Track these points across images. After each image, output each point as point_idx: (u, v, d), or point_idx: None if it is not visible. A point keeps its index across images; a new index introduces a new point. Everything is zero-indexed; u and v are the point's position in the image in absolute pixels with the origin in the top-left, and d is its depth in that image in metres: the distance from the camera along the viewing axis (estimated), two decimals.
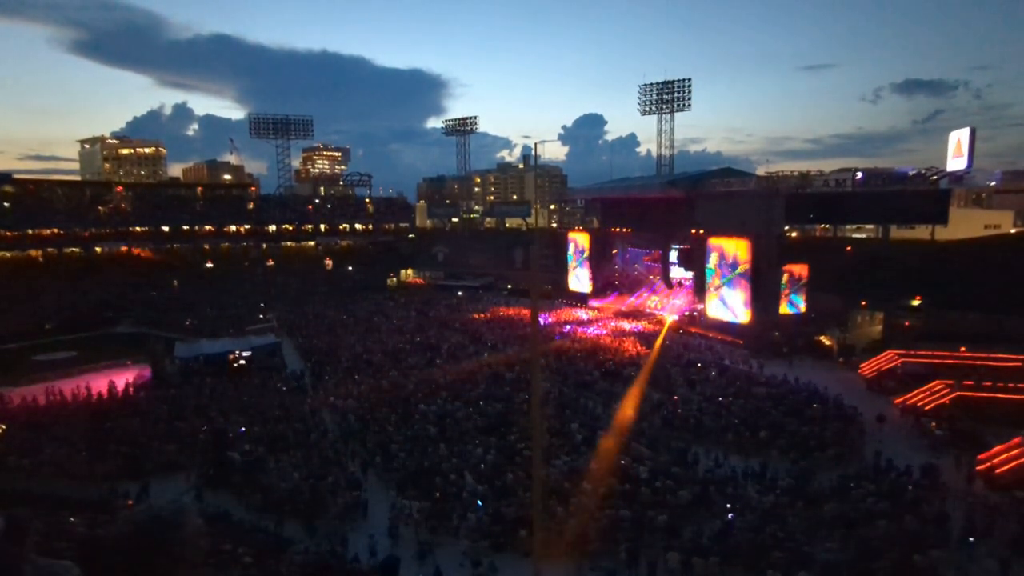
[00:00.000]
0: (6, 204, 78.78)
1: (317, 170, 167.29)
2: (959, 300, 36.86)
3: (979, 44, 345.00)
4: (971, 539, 16.09)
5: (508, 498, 18.81)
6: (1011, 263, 38.36)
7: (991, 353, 30.76)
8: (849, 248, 49.25)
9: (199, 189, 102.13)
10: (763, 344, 38.98)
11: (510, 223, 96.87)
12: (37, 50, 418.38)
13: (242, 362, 35.44)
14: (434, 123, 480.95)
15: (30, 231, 74.83)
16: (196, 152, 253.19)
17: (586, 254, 62.35)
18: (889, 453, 22.15)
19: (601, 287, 60.52)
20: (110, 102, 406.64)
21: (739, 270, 44.02)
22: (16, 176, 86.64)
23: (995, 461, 20.80)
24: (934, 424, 24.91)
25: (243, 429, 25.45)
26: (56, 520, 15.99)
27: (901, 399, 28.28)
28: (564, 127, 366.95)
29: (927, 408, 26.77)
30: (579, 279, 63.35)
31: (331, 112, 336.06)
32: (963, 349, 31.92)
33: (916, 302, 39.55)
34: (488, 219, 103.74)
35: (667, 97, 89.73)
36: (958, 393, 26.70)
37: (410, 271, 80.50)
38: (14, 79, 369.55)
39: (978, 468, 20.90)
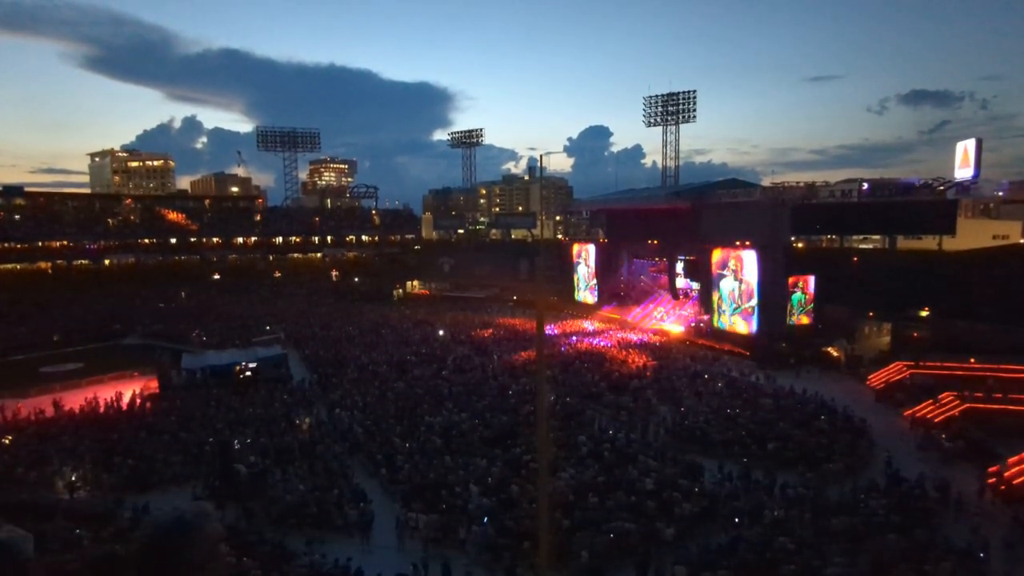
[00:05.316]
0: (17, 217, 79.77)
1: (324, 182, 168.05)
2: (967, 311, 36.60)
3: (985, 55, 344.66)
4: (982, 553, 15.89)
5: (514, 510, 18.71)
6: (1019, 273, 38.12)
7: (1000, 364, 30.49)
8: (856, 259, 49.06)
9: (207, 201, 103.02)
10: (770, 355, 38.78)
11: (516, 234, 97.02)
12: (50, 66, 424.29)
13: (248, 374, 35.51)
14: (440, 135, 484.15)
15: (40, 243, 75.65)
16: (204, 165, 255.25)
17: (592, 265, 62.38)
18: (899, 465, 21.95)
19: (607, 298, 60.46)
20: (120, 116, 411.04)
21: (745, 281, 43.92)
22: (28, 189, 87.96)
23: (1009, 473, 20.56)
24: (944, 436, 24.68)
25: (248, 440, 25.50)
26: (62, 531, 16.03)
27: (910, 411, 28.05)
28: (569, 139, 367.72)
29: (936, 420, 26.54)
30: (585, 290, 63.32)
31: (338, 125, 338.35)
32: (972, 360, 31.66)
33: (924, 313, 39.29)
34: (494, 231, 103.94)
35: (672, 109, 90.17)
36: (968, 405, 26.47)
37: (416, 282, 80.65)
38: (27, 94, 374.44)
39: (989, 481, 20.68)
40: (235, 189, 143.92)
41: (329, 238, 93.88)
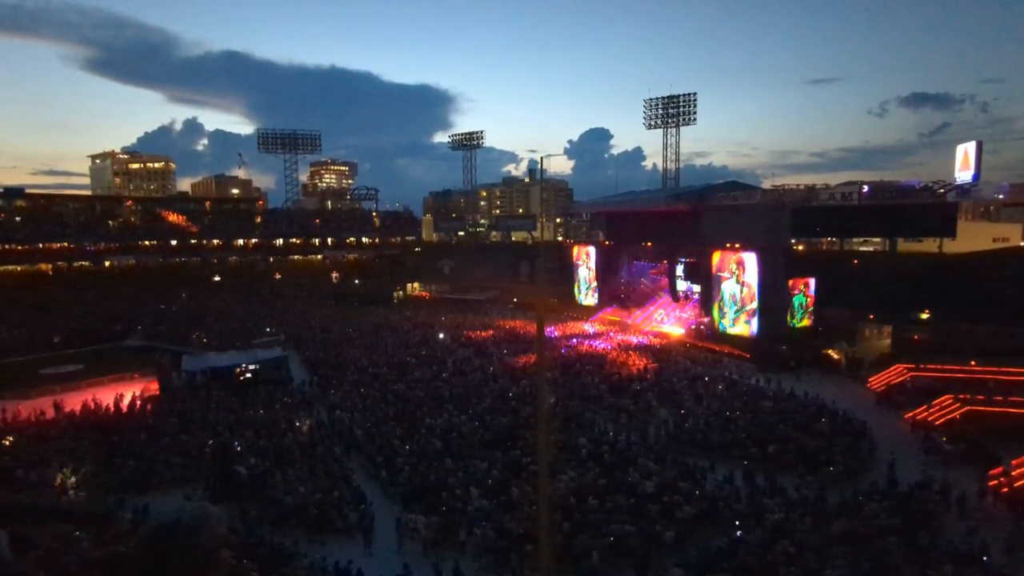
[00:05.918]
0: (18, 218, 79.82)
1: (324, 184, 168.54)
2: (968, 313, 36.58)
3: (985, 57, 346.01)
4: (985, 557, 15.85)
5: (514, 513, 18.69)
6: (1020, 276, 38.08)
7: (1001, 367, 30.44)
8: (856, 261, 49.03)
9: (207, 203, 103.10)
10: (770, 358, 38.74)
11: (516, 237, 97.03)
12: (51, 68, 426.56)
13: (248, 376, 35.51)
14: (441, 138, 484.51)
15: (41, 245, 75.70)
16: (205, 167, 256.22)
17: (592, 267, 62.35)
18: (901, 468, 21.89)
19: (608, 300, 60.44)
20: (122, 118, 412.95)
21: (745, 284, 43.91)
22: (29, 191, 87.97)
23: (1014, 474, 20.50)
24: (944, 439, 24.64)
25: (242, 445, 25.44)
26: (62, 534, 16.01)
27: (911, 414, 28.01)
28: (570, 141, 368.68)
29: (937, 423, 26.50)
30: (585, 292, 63.30)
31: (339, 127, 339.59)
32: (973, 363, 31.62)
33: (925, 315, 39.26)
34: (494, 233, 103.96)
35: (672, 111, 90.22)
36: (968, 408, 26.43)
37: (416, 284, 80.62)
38: (28, 96, 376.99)
39: (990, 483, 20.63)
40: (236, 191, 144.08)
41: (329, 240, 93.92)
